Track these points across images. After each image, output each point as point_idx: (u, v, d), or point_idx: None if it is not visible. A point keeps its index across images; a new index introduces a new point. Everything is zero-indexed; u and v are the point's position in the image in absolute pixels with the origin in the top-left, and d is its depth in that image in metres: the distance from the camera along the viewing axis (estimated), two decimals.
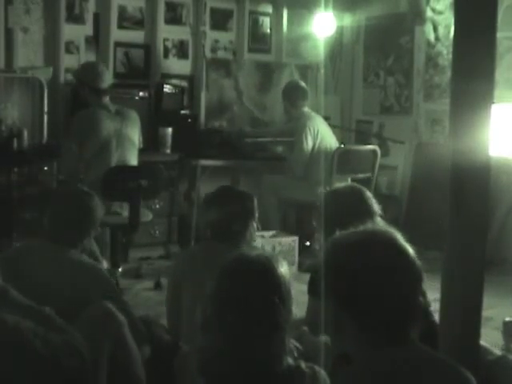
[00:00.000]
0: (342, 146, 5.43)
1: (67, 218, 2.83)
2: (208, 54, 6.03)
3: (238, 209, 2.85)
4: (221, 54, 6.16)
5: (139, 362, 2.57)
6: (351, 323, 1.50)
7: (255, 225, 2.94)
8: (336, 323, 1.53)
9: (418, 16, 5.83)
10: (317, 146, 5.29)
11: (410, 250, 1.55)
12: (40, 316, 2.25)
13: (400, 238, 1.56)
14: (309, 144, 5.27)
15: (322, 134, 5.34)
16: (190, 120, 5.76)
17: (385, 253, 1.52)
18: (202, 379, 1.72)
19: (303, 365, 1.76)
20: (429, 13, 5.78)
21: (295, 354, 1.77)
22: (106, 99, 4.49)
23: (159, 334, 2.99)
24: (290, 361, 1.74)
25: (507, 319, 3.37)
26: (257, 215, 2.93)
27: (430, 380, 1.46)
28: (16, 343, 2.09)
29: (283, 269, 1.78)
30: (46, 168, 4.90)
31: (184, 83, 5.86)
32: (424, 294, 1.56)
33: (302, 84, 5.52)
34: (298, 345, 1.86)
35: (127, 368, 2.53)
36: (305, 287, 3.05)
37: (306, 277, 3.08)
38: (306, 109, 5.42)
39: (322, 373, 1.78)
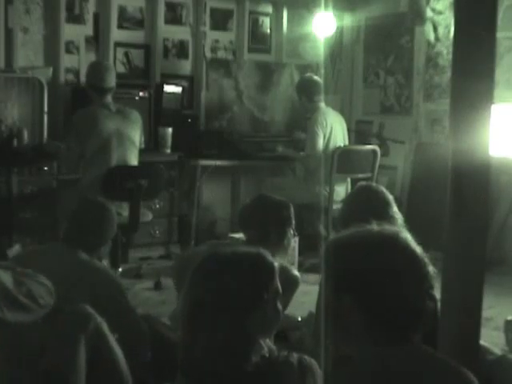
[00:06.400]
0: (342, 145, 5.42)
1: (90, 226, 2.93)
2: (208, 54, 6.03)
3: (276, 217, 2.88)
4: (221, 54, 6.16)
5: (122, 362, 2.53)
6: (361, 322, 1.50)
7: (292, 232, 2.97)
8: (344, 322, 1.53)
9: (418, 16, 5.83)
10: (325, 143, 5.25)
11: (419, 251, 1.55)
12: None
13: (409, 238, 1.57)
14: (321, 140, 5.20)
15: (333, 132, 5.29)
16: (190, 120, 5.76)
17: (402, 254, 1.53)
18: (183, 378, 1.75)
19: (292, 357, 1.77)
20: (429, 13, 5.78)
21: (266, 355, 1.77)
22: (108, 98, 4.49)
23: (162, 331, 3.00)
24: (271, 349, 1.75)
25: (509, 318, 3.37)
26: (293, 222, 2.96)
27: (432, 381, 1.46)
28: None
29: (268, 263, 1.78)
30: (45, 168, 4.90)
31: (184, 83, 5.86)
32: (433, 296, 1.56)
33: (317, 78, 5.44)
34: (271, 344, 1.84)
35: (110, 368, 2.51)
36: (305, 287, 3.06)
37: (306, 277, 3.08)
38: (323, 104, 5.35)
39: (313, 363, 1.79)
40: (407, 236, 1.58)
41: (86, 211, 3.01)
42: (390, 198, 2.81)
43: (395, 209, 2.77)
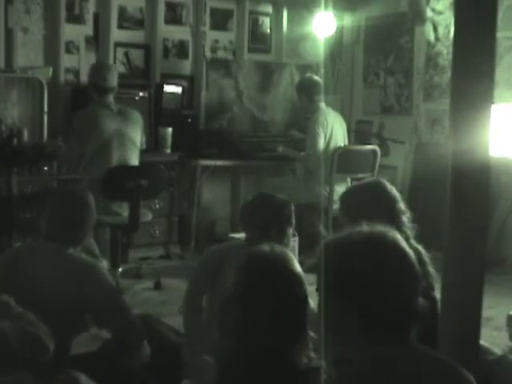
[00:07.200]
0: (342, 145, 5.42)
1: (68, 218, 2.79)
2: (208, 54, 6.03)
3: (277, 216, 2.87)
4: (221, 54, 6.16)
5: None
6: (355, 323, 1.50)
7: (291, 231, 2.97)
8: (339, 323, 1.52)
9: (418, 16, 5.83)
10: (325, 143, 5.24)
11: (410, 251, 1.55)
12: None
13: (400, 239, 1.56)
14: (322, 140, 5.19)
15: (334, 132, 5.27)
16: (190, 120, 5.76)
17: (391, 254, 1.52)
18: (220, 379, 1.70)
19: (320, 363, 1.75)
20: (429, 13, 5.78)
21: (311, 346, 1.76)
22: (110, 98, 4.49)
23: (163, 331, 2.98)
24: (310, 356, 1.72)
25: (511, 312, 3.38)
26: (294, 222, 2.96)
27: (430, 381, 1.46)
28: None
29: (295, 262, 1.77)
30: (45, 168, 4.90)
31: (184, 83, 5.86)
32: (432, 295, 1.56)
33: (317, 78, 5.43)
34: (312, 334, 1.83)
35: None
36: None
37: (306, 277, 3.07)
38: (323, 104, 5.34)
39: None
40: (396, 235, 1.57)
41: (63, 205, 2.86)
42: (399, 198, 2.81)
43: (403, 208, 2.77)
